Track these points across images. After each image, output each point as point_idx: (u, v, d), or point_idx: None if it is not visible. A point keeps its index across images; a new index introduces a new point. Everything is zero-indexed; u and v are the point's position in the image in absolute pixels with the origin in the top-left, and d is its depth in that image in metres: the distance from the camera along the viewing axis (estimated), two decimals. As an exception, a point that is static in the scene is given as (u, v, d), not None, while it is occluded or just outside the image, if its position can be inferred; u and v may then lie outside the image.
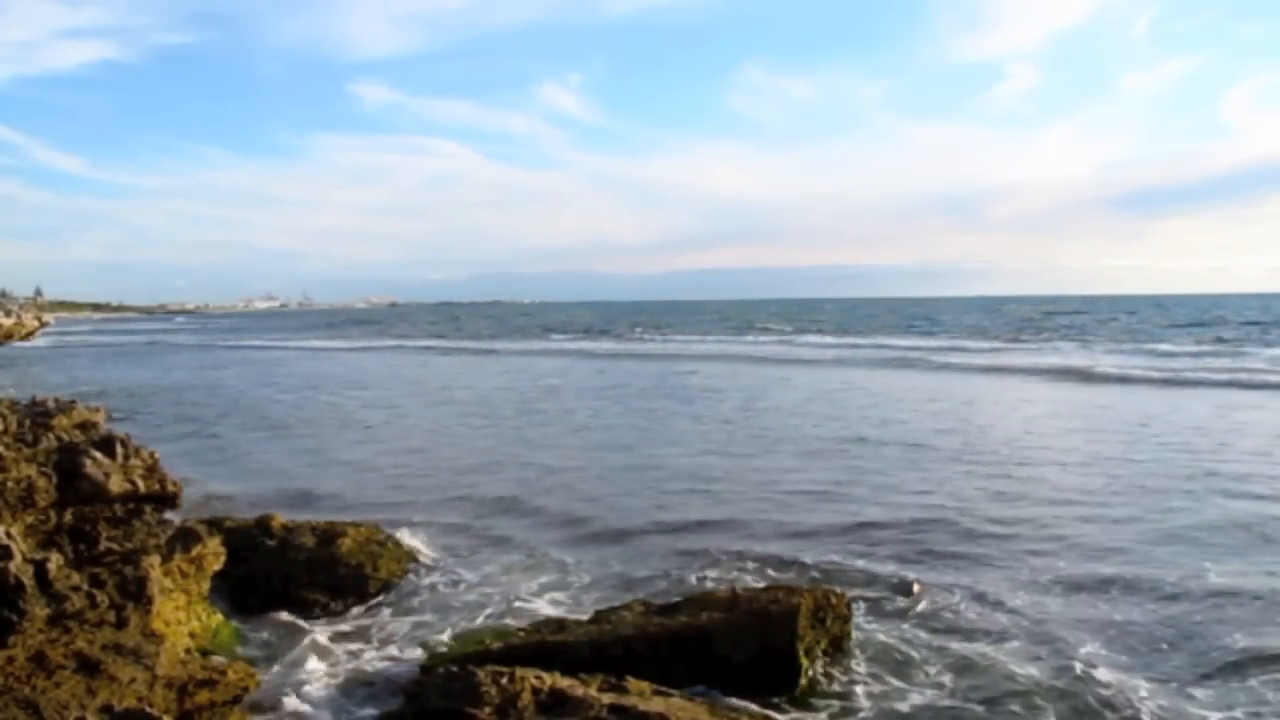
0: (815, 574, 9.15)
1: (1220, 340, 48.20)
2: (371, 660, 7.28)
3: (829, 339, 56.89)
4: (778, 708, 6.20)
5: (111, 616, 5.66)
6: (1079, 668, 6.84)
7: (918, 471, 14.21)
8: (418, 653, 7.29)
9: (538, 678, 5.42)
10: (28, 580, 5.24)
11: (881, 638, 7.50)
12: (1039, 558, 9.61)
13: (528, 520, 11.63)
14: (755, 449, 16.58)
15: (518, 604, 8.49)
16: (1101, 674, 6.73)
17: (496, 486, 13.63)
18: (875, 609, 8.16)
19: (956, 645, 7.31)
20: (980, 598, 8.42)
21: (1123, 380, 28.95)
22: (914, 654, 7.16)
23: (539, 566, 9.67)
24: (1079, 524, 10.91)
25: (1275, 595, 8.30)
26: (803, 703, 6.36)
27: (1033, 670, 6.83)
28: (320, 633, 7.89)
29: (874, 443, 16.96)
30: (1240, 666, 6.84)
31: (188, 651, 6.20)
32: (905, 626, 7.76)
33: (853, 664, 6.91)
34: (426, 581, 9.19)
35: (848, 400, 24.25)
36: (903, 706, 6.32)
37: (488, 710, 5.13)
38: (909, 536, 10.52)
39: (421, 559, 9.77)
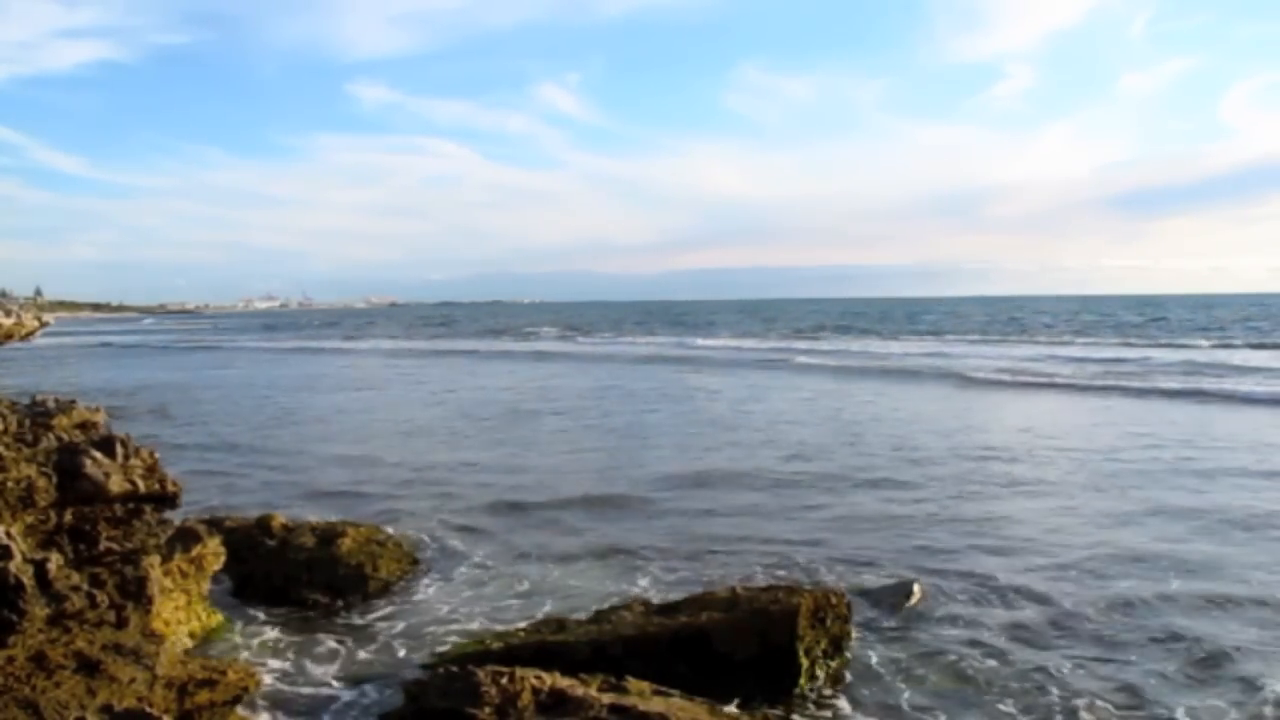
0: (815, 574, 9.16)
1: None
2: (371, 660, 7.29)
3: (725, 341, 57.89)
4: (778, 707, 6.21)
5: (111, 616, 5.65)
6: (1077, 669, 6.87)
7: (914, 474, 14.25)
8: (418, 653, 7.29)
9: (538, 678, 5.41)
10: (28, 580, 5.23)
11: (881, 638, 7.51)
12: (1034, 559, 9.63)
13: (525, 521, 11.63)
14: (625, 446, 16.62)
15: (517, 603, 8.50)
16: (1098, 676, 6.76)
17: (492, 487, 13.64)
18: (875, 609, 8.16)
19: (955, 647, 7.32)
20: (979, 600, 8.44)
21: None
22: (913, 655, 7.18)
23: (538, 566, 9.68)
24: (1053, 521, 10.95)
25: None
26: (802, 703, 6.36)
27: (1032, 673, 6.85)
28: (320, 632, 7.89)
29: (863, 446, 17.00)
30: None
31: (187, 651, 6.20)
32: (905, 627, 7.77)
33: (852, 664, 6.92)
34: (426, 581, 9.20)
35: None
36: (902, 707, 6.33)
37: (488, 710, 5.13)
38: (908, 537, 10.54)
39: (421, 559, 9.77)
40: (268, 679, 6.65)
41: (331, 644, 7.62)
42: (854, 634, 7.15)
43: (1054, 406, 23.44)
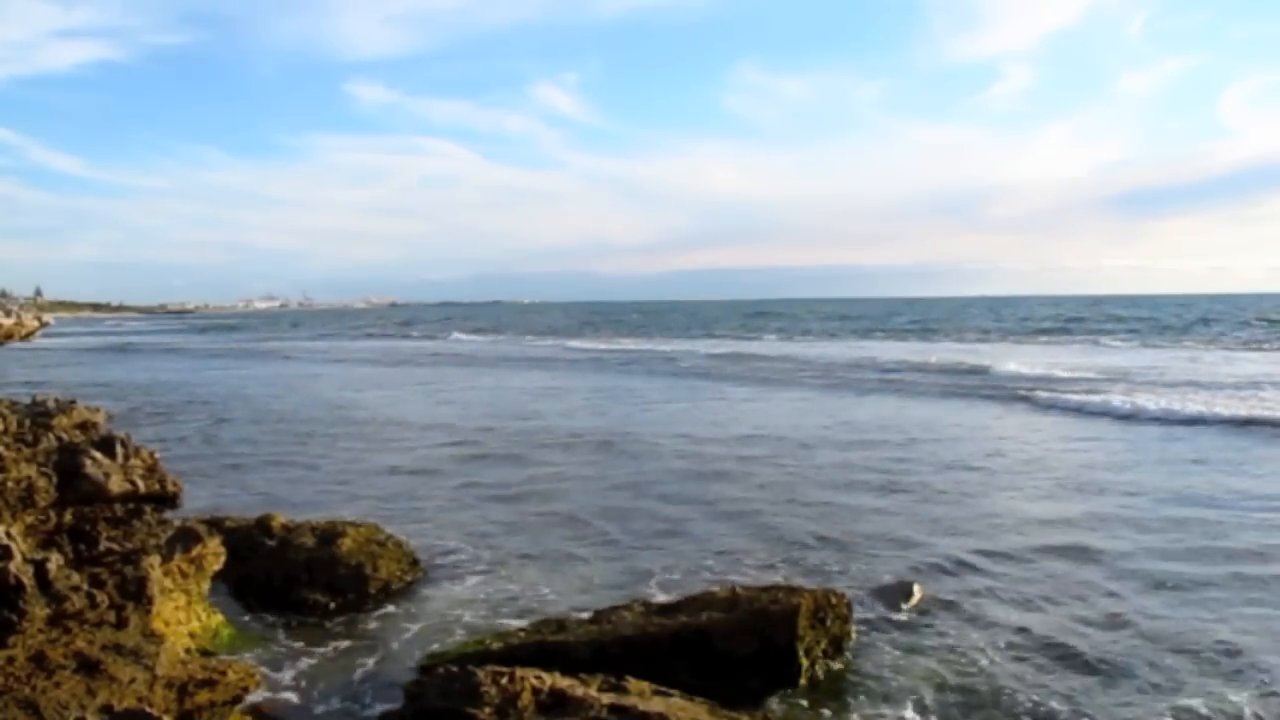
0: (815, 574, 9.17)
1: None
2: (371, 660, 7.29)
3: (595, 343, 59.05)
4: (778, 708, 6.21)
5: (111, 616, 5.65)
6: (1079, 670, 6.87)
7: (914, 478, 14.25)
8: (418, 653, 7.29)
9: (538, 678, 5.41)
10: (28, 580, 5.23)
11: (881, 638, 7.51)
12: (1035, 560, 9.63)
13: (526, 521, 11.63)
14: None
15: (517, 604, 8.50)
16: (1101, 678, 6.76)
17: (493, 489, 13.65)
18: (875, 610, 8.16)
19: (956, 647, 7.32)
20: (981, 600, 8.44)
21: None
22: (913, 655, 7.17)
23: (538, 566, 9.68)
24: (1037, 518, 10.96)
25: None
26: (802, 703, 6.36)
27: (1033, 674, 6.85)
28: (320, 632, 7.90)
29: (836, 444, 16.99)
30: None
31: (188, 651, 6.20)
32: (905, 628, 7.77)
33: (852, 664, 6.92)
34: (426, 581, 9.20)
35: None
36: (902, 708, 6.32)
37: (488, 710, 5.13)
38: (908, 538, 10.54)
39: (421, 559, 9.77)
40: (268, 679, 6.64)
41: (331, 644, 7.63)
42: (854, 634, 7.16)
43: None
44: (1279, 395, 23.19)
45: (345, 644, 7.62)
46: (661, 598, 7.95)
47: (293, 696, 6.62)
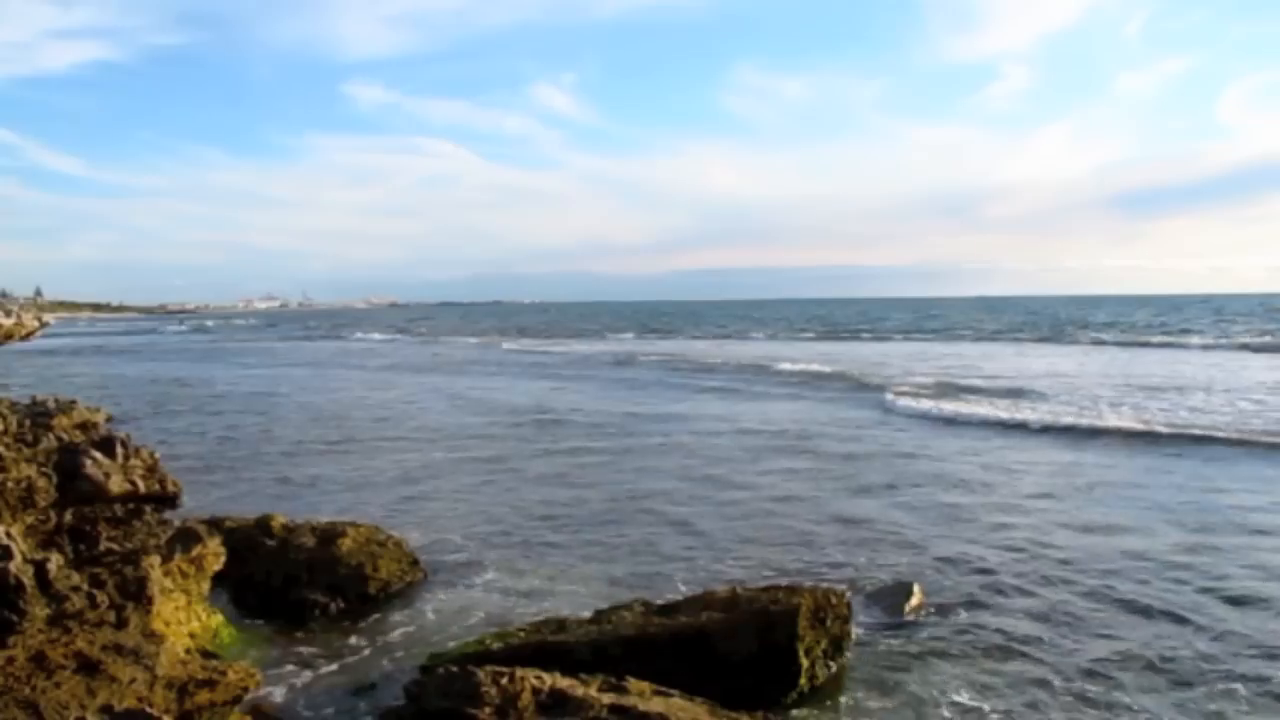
0: (815, 574, 9.16)
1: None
2: (371, 660, 7.29)
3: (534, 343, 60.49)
4: (777, 708, 6.20)
5: (111, 616, 5.65)
6: (1078, 671, 6.87)
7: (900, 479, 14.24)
8: (418, 653, 7.29)
9: (538, 678, 5.41)
10: (28, 580, 5.23)
11: (881, 638, 7.51)
12: (1035, 561, 9.63)
13: (526, 521, 11.63)
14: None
15: (518, 604, 8.50)
16: (1100, 678, 6.76)
17: (493, 490, 13.65)
18: (875, 610, 8.16)
19: (955, 648, 7.32)
20: (979, 600, 8.44)
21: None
22: (913, 655, 7.17)
23: (538, 567, 9.68)
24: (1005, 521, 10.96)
25: None
26: (802, 703, 6.36)
27: (1032, 674, 6.85)
28: (320, 632, 7.90)
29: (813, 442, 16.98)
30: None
31: (188, 651, 6.20)
32: (905, 628, 7.77)
33: (852, 664, 6.92)
34: (426, 582, 9.20)
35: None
36: (902, 708, 6.33)
37: (488, 710, 5.13)
38: (907, 540, 10.54)
39: (421, 560, 9.76)
40: (267, 679, 6.64)
41: (331, 644, 7.62)
42: (854, 634, 7.15)
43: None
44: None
45: (345, 644, 7.62)
46: (661, 598, 7.94)
47: (293, 696, 6.62)
